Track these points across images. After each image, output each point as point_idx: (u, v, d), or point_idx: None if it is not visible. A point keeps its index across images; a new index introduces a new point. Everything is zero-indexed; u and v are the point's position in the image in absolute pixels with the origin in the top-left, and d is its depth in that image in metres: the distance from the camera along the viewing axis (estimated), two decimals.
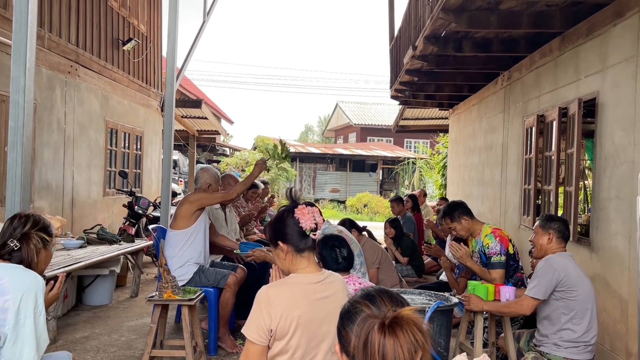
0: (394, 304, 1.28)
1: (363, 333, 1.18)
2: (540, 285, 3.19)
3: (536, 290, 3.21)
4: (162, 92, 10.78)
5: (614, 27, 4.17)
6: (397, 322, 1.16)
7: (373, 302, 1.28)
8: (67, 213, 7.28)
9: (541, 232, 3.41)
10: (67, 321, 5.13)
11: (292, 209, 2.19)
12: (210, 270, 4.38)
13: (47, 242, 2.52)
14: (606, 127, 4.31)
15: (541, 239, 3.40)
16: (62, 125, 7.17)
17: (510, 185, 6.75)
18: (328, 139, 40.98)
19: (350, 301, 1.33)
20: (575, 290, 3.18)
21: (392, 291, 1.35)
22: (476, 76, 7.62)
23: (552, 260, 3.25)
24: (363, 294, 1.34)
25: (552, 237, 3.36)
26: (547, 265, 3.22)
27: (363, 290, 1.36)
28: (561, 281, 3.18)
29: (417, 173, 21.33)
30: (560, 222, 3.44)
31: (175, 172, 18.18)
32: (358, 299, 1.32)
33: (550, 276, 3.18)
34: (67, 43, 7.31)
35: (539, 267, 3.28)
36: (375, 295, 1.31)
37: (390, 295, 1.32)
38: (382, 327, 1.16)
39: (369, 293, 1.33)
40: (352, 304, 1.31)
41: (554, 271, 3.19)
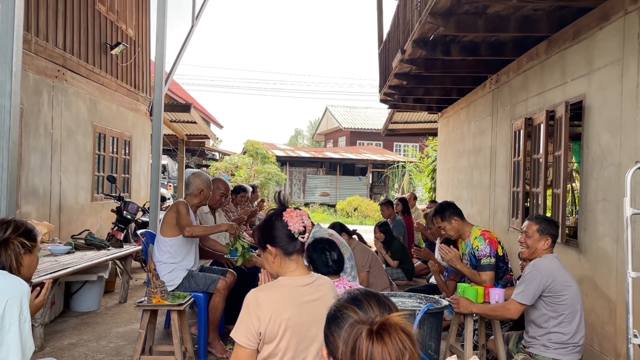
0: (381, 308, 1.26)
1: (351, 339, 1.17)
2: (527, 291, 3.20)
3: (523, 295, 3.21)
4: (151, 96, 10.73)
5: (600, 30, 4.22)
6: (384, 328, 1.15)
7: (360, 307, 1.26)
8: (55, 219, 7.21)
9: (538, 236, 3.39)
10: (54, 328, 5.07)
11: (280, 212, 2.19)
12: (200, 275, 4.35)
13: (31, 247, 2.48)
14: (593, 129, 4.35)
15: (538, 242, 3.38)
16: (49, 130, 7.11)
17: (499, 188, 6.79)
18: (318, 143, 41.02)
19: (337, 305, 1.31)
20: (563, 294, 3.20)
21: (380, 294, 1.34)
22: (464, 80, 7.67)
23: (540, 266, 3.25)
24: (349, 297, 1.32)
25: (549, 242, 3.38)
26: (535, 271, 3.22)
27: (349, 293, 1.34)
28: (548, 286, 3.19)
29: (406, 176, 21.40)
30: (556, 225, 3.46)
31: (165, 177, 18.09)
32: (344, 303, 1.29)
33: (538, 282, 3.18)
34: (54, 47, 7.25)
35: (526, 272, 3.28)
36: (362, 299, 1.29)
37: (377, 298, 1.30)
38: (369, 334, 1.15)
39: (355, 297, 1.31)
40: (338, 308, 1.29)
41: (541, 277, 3.19)
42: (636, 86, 3.69)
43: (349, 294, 1.34)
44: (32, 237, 2.52)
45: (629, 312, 2.97)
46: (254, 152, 20.64)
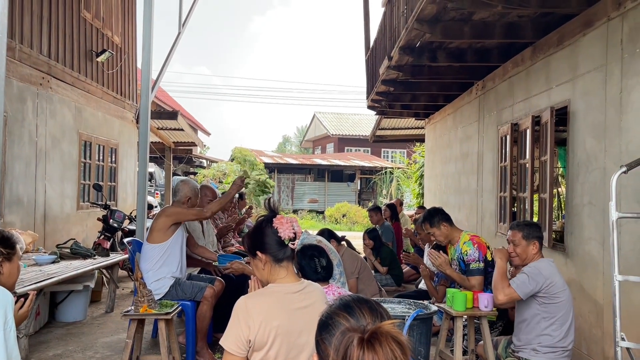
0: (373, 316, 1.25)
1: (342, 347, 1.15)
2: (526, 285, 3.19)
3: (520, 286, 3.19)
4: (137, 103, 10.66)
5: (584, 37, 4.27)
6: (376, 337, 1.13)
7: (352, 314, 1.25)
8: (40, 228, 7.11)
9: (525, 242, 3.39)
10: (39, 339, 4.98)
11: (270, 219, 2.18)
12: (187, 283, 4.31)
13: (8, 255, 2.44)
14: (578, 134, 4.40)
15: (527, 248, 3.38)
16: (34, 138, 7.02)
17: (486, 193, 6.83)
18: (306, 150, 41.02)
19: (328, 312, 1.30)
20: (559, 296, 3.21)
21: (372, 301, 1.33)
22: (451, 86, 7.73)
23: (541, 267, 3.25)
24: (341, 304, 1.31)
25: (537, 245, 3.38)
26: (537, 270, 3.22)
27: (341, 300, 1.33)
28: (546, 287, 3.19)
29: (394, 182, 21.47)
30: (538, 227, 3.47)
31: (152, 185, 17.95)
32: (336, 309, 1.28)
33: (537, 280, 3.18)
34: (39, 54, 7.18)
35: (527, 269, 3.26)
36: (353, 305, 1.28)
37: (369, 305, 1.29)
38: (361, 342, 1.13)
39: (347, 303, 1.30)
40: (329, 315, 1.28)
41: (542, 277, 3.19)
42: (619, 92, 3.75)
43: (341, 300, 1.33)
44: (10, 244, 2.47)
45: (616, 316, 3.00)
46: (241, 159, 20.59)
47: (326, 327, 1.26)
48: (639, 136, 3.53)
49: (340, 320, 1.24)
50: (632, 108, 3.61)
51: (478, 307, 3.66)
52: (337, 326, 1.23)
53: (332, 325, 1.24)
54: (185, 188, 4.42)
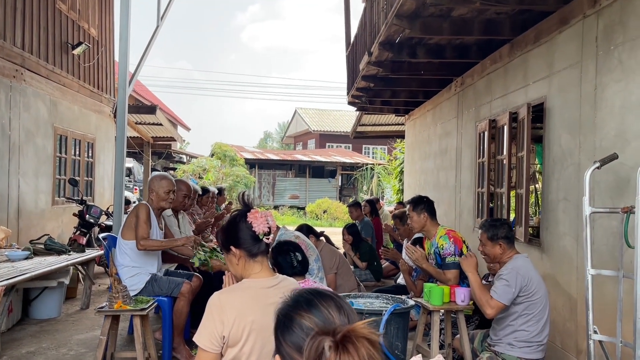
0: (341, 315, 1.19)
1: (313, 353, 1.08)
2: (506, 291, 3.20)
3: (501, 295, 3.20)
4: (115, 97, 10.49)
5: (560, 34, 4.32)
6: (349, 340, 1.07)
7: (316, 313, 1.18)
8: (13, 223, 6.96)
9: (491, 243, 3.43)
10: (12, 336, 4.88)
11: (244, 213, 2.15)
12: (164, 279, 4.26)
13: None
14: (553, 131, 4.45)
15: (492, 250, 3.43)
16: (7, 132, 6.86)
17: (464, 189, 6.89)
18: (287, 146, 40.94)
19: (288, 311, 1.22)
20: (536, 294, 3.24)
21: (334, 296, 1.26)
22: (430, 82, 7.76)
23: (517, 266, 3.27)
24: (302, 300, 1.23)
25: (503, 246, 3.40)
26: (514, 272, 3.23)
27: (302, 296, 1.25)
28: (525, 286, 3.22)
29: (375, 179, 21.55)
30: (504, 226, 3.45)
31: (130, 180, 17.73)
32: (297, 309, 1.20)
33: (516, 282, 3.20)
34: (12, 46, 7.01)
35: (505, 272, 3.26)
36: (317, 303, 1.21)
37: (335, 303, 1.23)
38: (335, 347, 1.07)
39: (309, 300, 1.23)
40: (290, 315, 1.20)
41: (520, 277, 3.21)
42: (594, 88, 3.80)
43: (301, 296, 1.25)
44: None
45: (589, 309, 3.05)
46: (222, 154, 20.44)
47: (288, 328, 1.19)
48: (612, 132, 3.58)
49: (305, 321, 1.17)
50: (606, 105, 3.66)
51: (455, 301, 3.69)
52: (301, 327, 1.17)
53: (296, 326, 1.18)
54: (151, 182, 4.33)
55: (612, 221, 3.48)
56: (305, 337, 1.14)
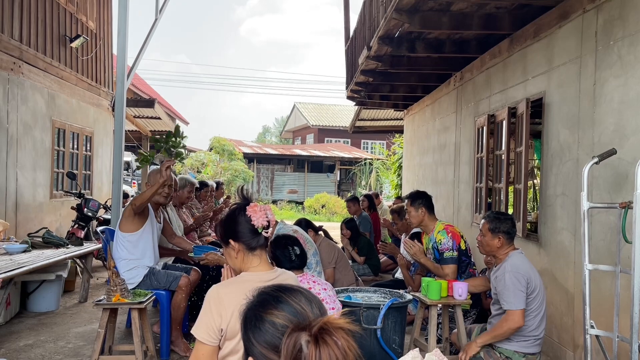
0: (312, 307, 1.17)
1: (291, 350, 1.05)
2: (518, 296, 3.16)
3: (517, 302, 3.15)
4: (113, 91, 10.46)
5: (559, 29, 4.31)
6: (326, 331, 1.06)
7: (287, 308, 1.15)
8: (11, 216, 6.95)
9: (490, 235, 3.41)
10: (10, 329, 4.89)
11: (243, 207, 2.15)
12: (162, 272, 4.26)
13: None
14: (552, 126, 4.45)
15: (491, 241, 3.41)
16: (5, 125, 6.84)
17: (462, 184, 6.89)
18: (286, 140, 40.91)
19: (256, 312, 1.18)
20: (535, 289, 3.23)
21: (301, 289, 1.23)
22: (429, 77, 7.75)
23: (515, 267, 3.24)
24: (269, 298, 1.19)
25: (502, 240, 3.38)
26: (515, 274, 3.20)
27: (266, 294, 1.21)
28: (528, 284, 3.21)
29: (374, 173, 21.56)
30: (508, 221, 3.43)
31: (128, 174, 17.72)
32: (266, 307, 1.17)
33: (523, 283, 3.17)
34: (10, 39, 6.98)
35: (507, 280, 3.21)
36: (285, 299, 1.18)
37: (303, 295, 1.20)
38: (313, 341, 1.05)
39: (276, 297, 1.19)
40: (258, 314, 1.17)
41: (521, 276, 3.18)
42: (593, 83, 3.79)
43: (268, 294, 1.21)
44: None
45: (586, 304, 3.06)
46: (220, 149, 20.41)
47: (257, 327, 1.15)
48: (611, 128, 3.58)
49: (277, 320, 1.14)
50: (604, 100, 3.66)
51: (452, 296, 3.70)
52: (273, 325, 1.14)
53: (267, 324, 1.14)
54: (150, 175, 4.34)
55: (610, 216, 3.49)
56: (280, 335, 1.11)
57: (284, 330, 1.11)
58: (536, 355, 3.27)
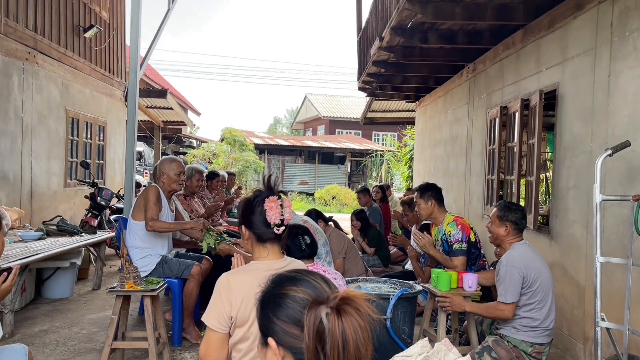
0: (329, 285, 1.20)
1: (313, 321, 1.09)
2: (510, 289, 3.18)
3: (507, 295, 3.19)
4: (126, 81, 10.53)
5: (574, 19, 4.26)
6: (347, 302, 1.10)
7: (306, 285, 1.19)
8: (26, 204, 7.05)
9: (498, 222, 3.42)
10: (25, 315, 4.98)
11: (264, 199, 2.14)
12: (174, 260, 4.31)
13: None
14: (565, 118, 4.41)
15: (498, 229, 3.42)
16: (20, 114, 6.93)
17: (474, 176, 6.87)
18: (297, 132, 40.89)
19: (276, 291, 1.21)
20: (536, 283, 3.22)
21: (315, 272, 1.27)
22: (442, 68, 7.70)
23: (512, 260, 3.24)
24: (286, 279, 1.23)
25: (509, 229, 3.38)
26: (509, 267, 3.21)
27: (283, 276, 1.25)
28: (524, 278, 3.21)
29: (384, 165, 21.50)
30: (518, 212, 3.42)
31: (141, 164, 17.84)
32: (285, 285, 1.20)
33: (516, 276, 3.17)
34: (25, 29, 7.04)
35: (502, 272, 3.24)
36: (303, 278, 1.22)
37: (320, 275, 1.24)
38: (334, 311, 1.08)
39: (293, 277, 1.23)
40: (279, 293, 1.20)
41: (517, 270, 3.19)
42: (607, 75, 3.75)
43: (283, 276, 1.25)
44: None
45: (597, 296, 3.05)
46: (231, 139, 20.46)
47: (279, 305, 1.18)
48: (625, 120, 3.54)
49: (297, 294, 1.17)
50: (619, 92, 3.62)
51: (462, 287, 3.70)
52: (295, 300, 1.16)
53: (288, 300, 1.17)
54: (161, 164, 4.35)
55: (623, 209, 3.46)
56: (300, 308, 1.14)
57: (304, 304, 1.14)
58: (544, 346, 3.27)
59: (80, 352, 4.09)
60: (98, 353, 3.99)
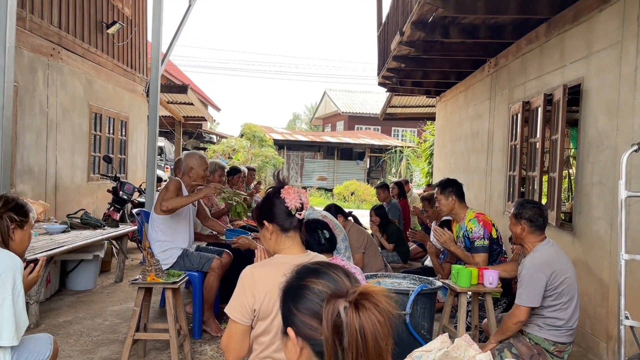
0: (350, 279, 1.21)
1: (331, 315, 1.09)
2: (532, 293, 3.10)
3: (527, 299, 3.10)
4: (148, 76, 10.65)
5: (600, 12, 4.18)
6: (366, 297, 1.10)
7: (327, 279, 1.19)
8: (51, 198, 7.19)
9: (514, 220, 3.34)
10: (50, 306, 5.09)
11: (278, 190, 2.19)
12: (195, 254, 4.36)
13: (21, 222, 2.48)
14: (590, 113, 4.34)
15: (515, 228, 3.34)
16: (45, 109, 7.06)
17: (495, 172, 6.79)
18: (316, 127, 40.91)
19: (298, 282, 1.23)
20: (561, 285, 3.15)
21: (339, 265, 1.28)
22: (463, 63, 7.63)
23: (536, 264, 3.15)
24: (308, 270, 1.24)
25: (525, 228, 3.27)
26: (532, 271, 3.12)
27: (306, 267, 1.26)
28: (548, 281, 3.14)
29: (404, 161, 21.40)
30: (533, 209, 3.30)
31: (162, 159, 18.03)
32: (307, 277, 1.21)
33: (539, 281, 3.09)
34: (49, 25, 7.16)
35: (524, 274, 3.16)
36: (325, 271, 1.23)
37: (342, 269, 1.24)
38: (353, 306, 1.09)
39: (316, 269, 1.24)
40: (301, 284, 1.21)
41: (541, 274, 3.09)
42: (634, 69, 3.68)
43: (307, 268, 1.26)
44: (23, 212, 2.51)
45: (621, 294, 2.99)
46: (251, 135, 20.56)
47: (300, 297, 1.19)
48: None
49: (317, 287, 1.18)
50: None
51: (483, 283, 3.67)
52: (315, 293, 1.17)
53: (308, 293, 1.18)
54: (187, 159, 4.40)
55: None
56: (319, 301, 1.15)
57: (323, 297, 1.15)
58: (566, 345, 3.23)
59: (103, 343, 4.17)
60: (120, 344, 4.05)
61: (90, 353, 3.95)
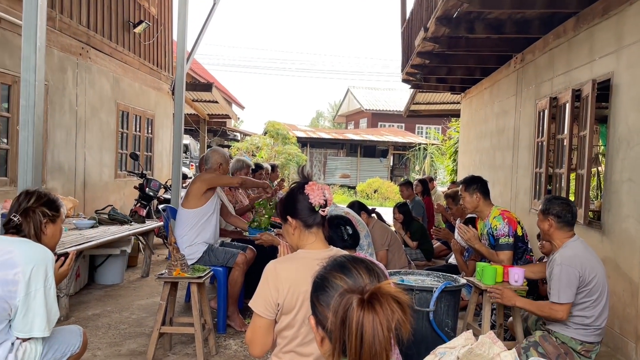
0: (370, 276, 1.23)
1: (341, 309, 1.12)
2: (565, 291, 3.06)
3: (563, 296, 3.06)
4: (173, 75, 10.79)
5: (630, 5, 4.08)
6: (376, 297, 1.10)
7: (348, 274, 1.23)
8: (80, 194, 7.35)
9: (542, 216, 3.29)
10: (79, 299, 5.21)
11: (302, 186, 2.20)
12: (220, 249, 4.41)
13: (53, 217, 2.54)
14: (620, 108, 4.24)
15: (542, 224, 3.30)
16: (74, 107, 7.22)
17: (521, 169, 6.70)
18: (339, 125, 40.86)
19: (323, 273, 1.28)
20: (592, 282, 3.10)
21: (367, 260, 1.30)
22: (488, 59, 7.53)
23: (568, 260, 3.10)
24: (336, 264, 1.29)
25: (552, 224, 3.23)
26: (565, 267, 3.08)
27: (335, 260, 1.31)
28: (580, 276, 3.09)
29: (428, 159, 21.23)
30: (561, 205, 3.25)
31: (187, 157, 18.26)
32: (331, 270, 1.26)
33: (572, 277, 3.05)
34: (78, 25, 7.31)
35: (556, 271, 3.11)
36: (350, 266, 1.26)
37: (365, 265, 1.27)
38: (361, 303, 1.10)
39: (342, 264, 1.28)
40: (324, 276, 1.27)
41: (573, 270, 3.05)
42: None
43: (335, 260, 1.31)
44: (55, 207, 2.57)
45: None
46: (274, 132, 20.65)
47: (322, 289, 1.25)
48: None
49: (337, 281, 1.23)
50: None
51: (508, 281, 3.63)
52: (333, 287, 1.22)
53: (328, 286, 1.24)
54: (215, 155, 4.51)
55: None
56: (335, 294, 1.19)
57: (339, 290, 1.19)
58: (594, 345, 3.17)
59: (130, 336, 4.25)
60: (147, 337, 4.13)
61: (117, 345, 4.04)
